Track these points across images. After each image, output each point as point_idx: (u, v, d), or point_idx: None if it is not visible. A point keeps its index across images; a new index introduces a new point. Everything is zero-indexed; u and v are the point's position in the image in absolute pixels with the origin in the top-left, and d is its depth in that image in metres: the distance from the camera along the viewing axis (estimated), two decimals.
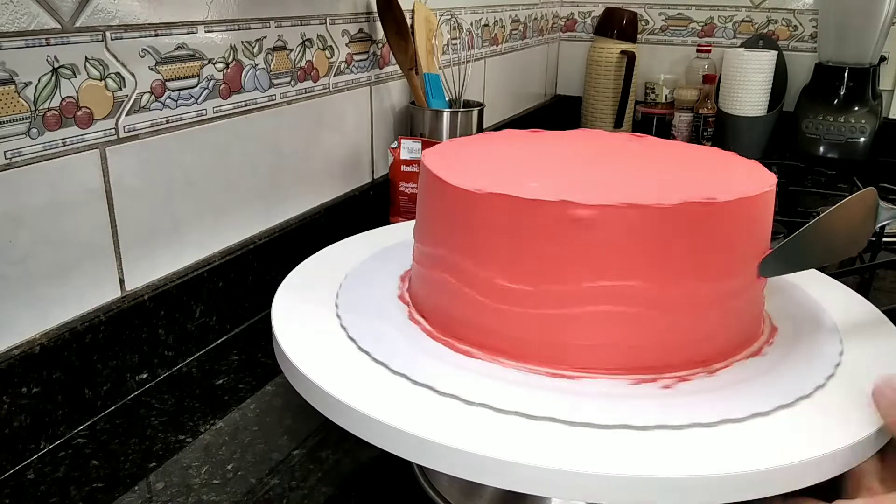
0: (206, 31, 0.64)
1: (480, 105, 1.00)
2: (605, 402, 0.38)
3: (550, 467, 0.33)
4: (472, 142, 0.53)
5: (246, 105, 0.70)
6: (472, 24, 1.19)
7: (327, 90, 0.83)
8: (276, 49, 0.73)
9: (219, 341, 0.68)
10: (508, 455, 0.34)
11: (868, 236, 0.44)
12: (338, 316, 0.47)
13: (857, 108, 1.33)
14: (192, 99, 0.63)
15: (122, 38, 0.56)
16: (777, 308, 0.49)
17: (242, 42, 0.69)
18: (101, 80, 0.54)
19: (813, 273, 0.56)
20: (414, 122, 0.97)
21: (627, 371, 0.41)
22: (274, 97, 0.74)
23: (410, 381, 0.40)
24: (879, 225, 0.44)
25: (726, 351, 0.43)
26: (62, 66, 0.51)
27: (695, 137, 1.43)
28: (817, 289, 0.53)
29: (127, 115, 0.57)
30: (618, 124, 1.51)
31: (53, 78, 0.51)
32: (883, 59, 1.37)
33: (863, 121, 1.32)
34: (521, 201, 0.39)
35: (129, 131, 0.57)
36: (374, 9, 0.89)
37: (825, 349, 0.44)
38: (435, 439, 0.35)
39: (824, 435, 0.36)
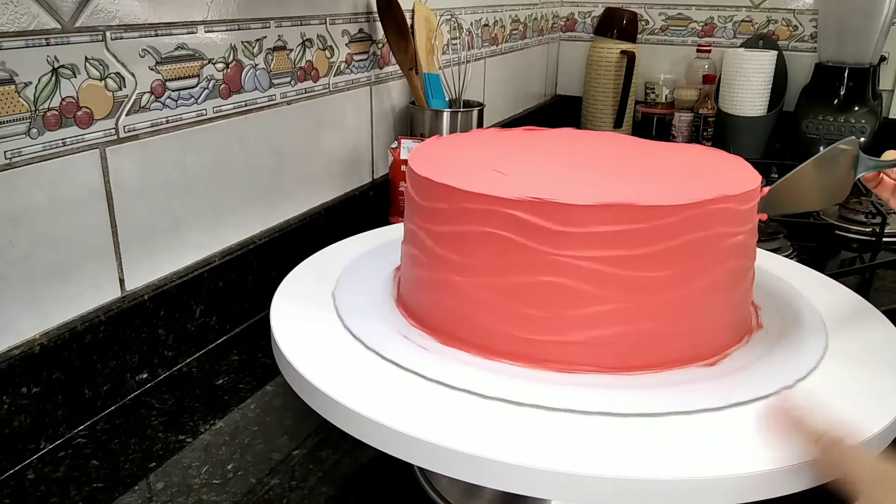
0: (206, 31, 0.64)
1: (480, 105, 1.00)
2: (603, 394, 0.39)
3: (549, 469, 0.33)
4: (456, 140, 0.55)
5: (246, 105, 0.70)
6: (472, 24, 1.19)
7: (327, 90, 0.83)
8: (276, 49, 0.73)
9: (219, 341, 0.68)
10: (507, 457, 0.34)
11: (849, 185, 0.47)
12: (339, 317, 0.47)
13: (857, 108, 1.33)
14: (192, 99, 0.63)
15: (122, 38, 0.56)
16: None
17: (242, 42, 0.69)
18: (101, 80, 0.54)
19: (811, 273, 0.56)
20: (414, 122, 0.97)
21: (619, 367, 0.41)
22: (274, 97, 0.74)
23: (419, 377, 0.40)
24: (859, 175, 0.46)
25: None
26: (62, 66, 0.51)
27: (695, 137, 1.42)
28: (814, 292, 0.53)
29: (127, 115, 0.57)
30: (618, 124, 1.51)
31: (53, 78, 0.51)
32: (883, 59, 1.36)
33: (863, 121, 1.32)
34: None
35: (129, 131, 0.57)
36: (374, 9, 0.89)
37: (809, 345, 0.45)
38: (434, 441, 0.35)
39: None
